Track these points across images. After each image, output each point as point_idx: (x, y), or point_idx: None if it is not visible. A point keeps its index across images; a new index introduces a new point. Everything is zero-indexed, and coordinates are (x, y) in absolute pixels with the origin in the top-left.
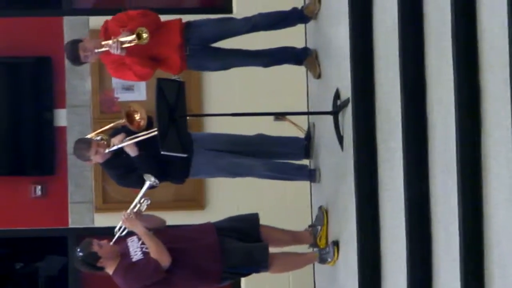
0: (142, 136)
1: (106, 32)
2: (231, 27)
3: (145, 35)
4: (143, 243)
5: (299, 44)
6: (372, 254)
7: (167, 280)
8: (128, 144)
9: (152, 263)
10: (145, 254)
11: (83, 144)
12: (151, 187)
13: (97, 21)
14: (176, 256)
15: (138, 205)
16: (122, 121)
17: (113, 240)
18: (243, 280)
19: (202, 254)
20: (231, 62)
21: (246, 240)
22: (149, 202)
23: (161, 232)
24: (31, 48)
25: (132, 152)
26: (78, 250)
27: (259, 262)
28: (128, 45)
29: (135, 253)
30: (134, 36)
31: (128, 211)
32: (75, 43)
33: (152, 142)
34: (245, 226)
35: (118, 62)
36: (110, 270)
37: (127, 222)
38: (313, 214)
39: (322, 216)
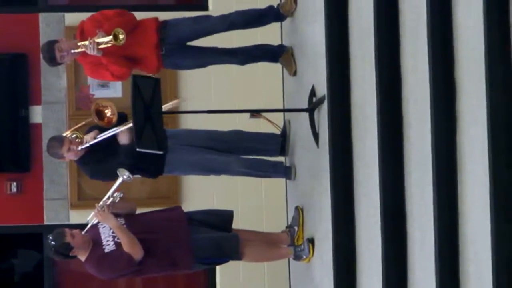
0: (114, 131)
1: (83, 33)
2: (207, 25)
3: (121, 36)
4: (114, 232)
5: (275, 41)
6: (348, 252)
7: (139, 269)
8: (122, 130)
9: (125, 256)
10: (117, 244)
11: (56, 142)
12: (124, 181)
13: (73, 18)
14: (147, 246)
15: (111, 199)
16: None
17: (85, 229)
18: (218, 277)
19: (173, 244)
20: (208, 60)
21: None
22: (122, 195)
23: (132, 220)
24: (6, 45)
25: (125, 139)
26: (51, 239)
27: (230, 253)
28: (105, 46)
29: (107, 242)
30: (110, 37)
31: (101, 203)
32: (51, 43)
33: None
34: (217, 221)
35: (94, 63)
36: (82, 258)
37: (100, 215)
38: (288, 212)
39: (298, 216)
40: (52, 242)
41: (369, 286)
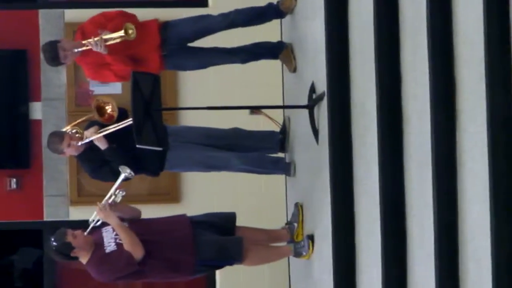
0: (114, 127)
1: (84, 35)
2: (208, 24)
3: (131, 31)
4: (117, 234)
5: (274, 38)
6: (347, 249)
7: (140, 271)
8: (97, 137)
9: (125, 255)
10: (119, 245)
11: (56, 137)
12: (126, 179)
13: (72, 14)
14: (149, 248)
15: (113, 197)
16: (93, 114)
17: (88, 230)
18: (218, 274)
19: (175, 246)
20: (209, 60)
21: (221, 235)
22: (124, 193)
23: (136, 223)
24: (6, 41)
25: (101, 144)
26: (52, 239)
27: (233, 256)
28: (113, 42)
29: (109, 244)
30: (121, 33)
31: (103, 202)
32: (53, 43)
33: (127, 134)
34: (220, 222)
35: (96, 63)
36: (84, 260)
37: (101, 213)
38: (288, 208)
39: (298, 212)
40: (54, 242)
41: (369, 283)
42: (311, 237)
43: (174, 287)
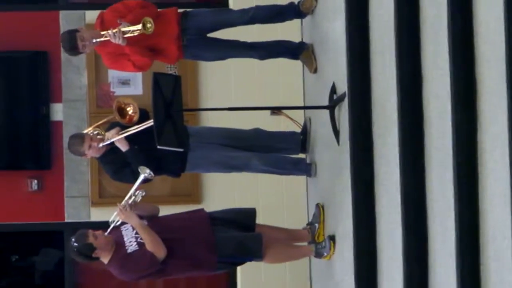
0: (135, 129)
1: (103, 23)
2: (228, 17)
3: (149, 25)
4: (137, 233)
5: (295, 38)
6: (368, 249)
7: (162, 270)
8: (118, 139)
9: (147, 255)
10: (140, 245)
11: (77, 139)
12: (146, 179)
13: (93, 15)
14: (170, 246)
15: (133, 197)
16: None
17: (108, 230)
18: (239, 273)
19: (196, 244)
20: (228, 53)
21: (240, 231)
22: (144, 193)
23: (155, 221)
24: (27, 43)
25: (122, 146)
26: (73, 240)
27: (253, 253)
28: (131, 35)
29: (130, 243)
30: (139, 26)
31: (123, 202)
32: (72, 32)
33: (148, 135)
34: (240, 219)
35: (115, 53)
36: (105, 260)
37: (122, 214)
38: (309, 209)
39: (319, 213)
40: (75, 243)
41: (390, 283)
42: (332, 238)
43: None
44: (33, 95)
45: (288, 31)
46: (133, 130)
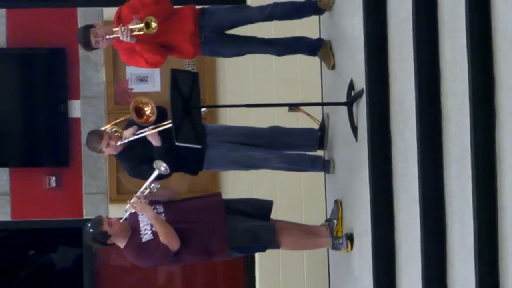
0: (153, 128)
1: (119, 19)
2: (246, 14)
3: (153, 25)
4: None
5: (313, 34)
6: (387, 246)
7: (176, 258)
8: (151, 133)
9: (161, 247)
10: (155, 234)
11: (95, 136)
12: (160, 174)
13: (111, 12)
14: (184, 236)
15: (148, 190)
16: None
17: (123, 218)
18: (257, 267)
19: (209, 236)
20: (246, 48)
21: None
22: (158, 186)
23: (171, 208)
24: (45, 40)
25: (155, 141)
26: (89, 226)
27: (266, 244)
28: (138, 33)
29: (145, 231)
30: (142, 25)
31: (138, 194)
32: (87, 28)
33: (167, 133)
34: (255, 210)
35: (129, 49)
36: (121, 245)
37: (137, 206)
38: (327, 205)
39: (337, 209)
40: (90, 230)
41: (409, 280)
42: (350, 237)
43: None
44: (51, 92)
45: (306, 27)
46: (148, 131)
